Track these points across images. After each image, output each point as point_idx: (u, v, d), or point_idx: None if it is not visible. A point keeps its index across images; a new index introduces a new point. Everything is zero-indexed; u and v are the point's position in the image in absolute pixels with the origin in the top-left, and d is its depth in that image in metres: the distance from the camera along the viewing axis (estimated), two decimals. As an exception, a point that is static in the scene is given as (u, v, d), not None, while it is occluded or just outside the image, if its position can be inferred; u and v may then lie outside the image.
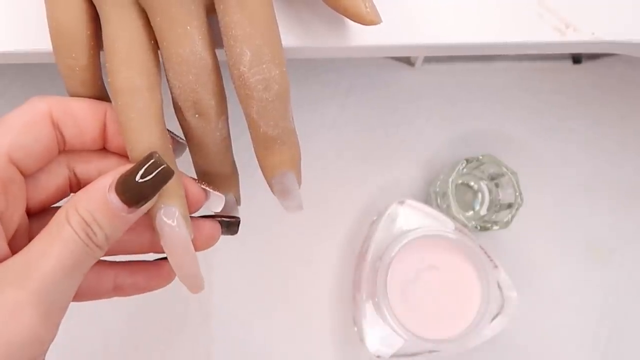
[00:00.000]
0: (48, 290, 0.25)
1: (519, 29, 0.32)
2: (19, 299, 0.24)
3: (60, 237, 0.25)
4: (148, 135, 0.27)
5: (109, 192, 0.26)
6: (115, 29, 0.27)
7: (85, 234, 0.25)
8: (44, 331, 0.25)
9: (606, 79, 0.50)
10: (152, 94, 0.27)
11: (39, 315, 0.24)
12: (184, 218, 0.28)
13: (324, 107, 0.49)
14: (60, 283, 0.25)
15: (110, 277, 0.30)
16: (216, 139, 0.29)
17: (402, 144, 0.49)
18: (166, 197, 0.27)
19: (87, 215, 0.25)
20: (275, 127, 0.28)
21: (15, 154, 0.26)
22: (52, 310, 0.25)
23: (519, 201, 0.45)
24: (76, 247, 0.25)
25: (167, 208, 0.27)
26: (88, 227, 0.25)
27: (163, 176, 0.26)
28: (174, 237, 0.27)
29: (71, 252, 0.25)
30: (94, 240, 0.26)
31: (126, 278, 0.30)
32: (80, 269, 0.26)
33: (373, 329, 0.43)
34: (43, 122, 0.27)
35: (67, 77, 0.28)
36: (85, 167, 0.29)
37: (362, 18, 0.28)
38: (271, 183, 0.29)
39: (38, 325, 0.24)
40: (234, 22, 0.27)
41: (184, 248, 0.28)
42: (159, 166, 0.26)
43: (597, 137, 0.49)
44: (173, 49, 0.27)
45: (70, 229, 0.25)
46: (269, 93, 0.27)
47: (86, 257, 0.26)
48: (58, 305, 0.25)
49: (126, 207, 0.26)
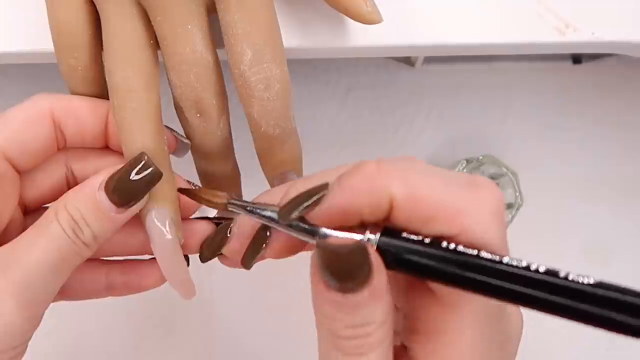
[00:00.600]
0: (30, 282, 0.25)
1: (519, 29, 0.32)
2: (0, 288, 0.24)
3: (47, 232, 0.25)
4: (141, 135, 0.27)
5: (99, 191, 0.26)
6: (113, 28, 0.27)
7: (72, 231, 0.25)
8: (21, 321, 0.25)
9: (606, 79, 0.50)
10: (147, 94, 0.27)
11: (18, 305, 0.24)
12: (174, 221, 0.27)
13: (324, 107, 0.49)
14: (43, 276, 0.25)
15: (102, 276, 0.30)
16: (217, 138, 0.29)
17: (402, 144, 0.49)
18: (157, 199, 0.27)
19: (75, 213, 0.25)
20: (276, 127, 0.28)
21: (10, 149, 0.26)
22: (32, 302, 0.25)
23: (519, 201, 0.45)
24: (62, 243, 0.25)
25: (157, 210, 0.27)
26: (76, 224, 0.25)
27: (151, 178, 0.26)
28: (162, 240, 0.27)
29: (57, 247, 0.25)
30: (81, 238, 0.25)
31: (118, 277, 0.30)
32: (66, 265, 0.26)
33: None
34: (42, 119, 0.27)
35: (69, 77, 0.28)
36: (82, 165, 0.29)
37: (362, 17, 0.28)
38: (272, 182, 0.29)
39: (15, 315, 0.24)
40: (235, 21, 0.27)
41: (172, 252, 0.27)
42: (148, 168, 0.26)
43: (597, 137, 0.49)
44: (174, 48, 0.27)
45: (57, 225, 0.25)
46: (270, 92, 0.27)
47: (72, 254, 0.26)
48: (39, 298, 0.25)
49: (115, 207, 0.26)
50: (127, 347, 0.46)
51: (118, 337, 0.46)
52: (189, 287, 0.29)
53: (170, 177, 0.28)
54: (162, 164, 0.27)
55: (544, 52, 0.34)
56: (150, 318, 0.47)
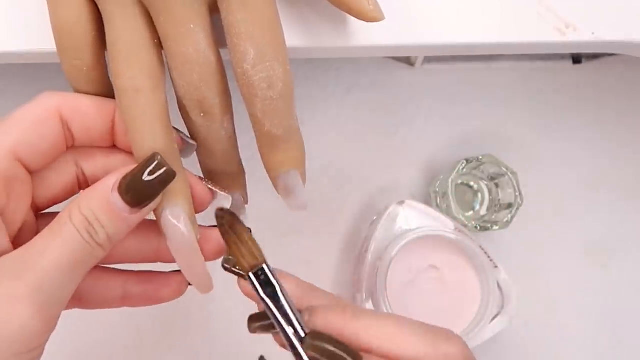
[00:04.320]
0: (45, 285, 0.25)
1: (519, 29, 0.32)
2: (14, 292, 0.24)
3: (61, 235, 0.25)
4: (152, 135, 0.27)
5: (112, 192, 0.26)
6: (118, 29, 0.27)
7: (86, 232, 0.25)
8: (39, 324, 0.25)
9: (606, 79, 0.50)
10: (155, 94, 0.27)
11: (34, 308, 0.24)
12: (190, 218, 0.27)
13: (324, 107, 0.49)
14: (58, 279, 0.25)
15: (119, 286, 0.30)
16: (222, 137, 0.29)
17: (402, 144, 0.49)
18: (172, 197, 0.27)
19: (89, 214, 0.25)
20: (280, 126, 0.28)
21: (21, 150, 0.26)
22: (48, 304, 0.25)
23: (519, 201, 0.45)
24: (77, 245, 0.25)
25: (173, 209, 0.27)
26: (90, 225, 0.25)
27: (165, 177, 0.26)
28: (180, 237, 0.27)
29: (72, 249, 0.25)
30: (96, 238, 0.26)
31: (135, 287, 0.30)
32: (81, 267, 0.26)
33: (373, 329, 0.43)
34: (51, 119, 0.27)
35: (73, 78, 0.28)
36: (92, 164, 0.29)
37: (365, 15, 0.28)
38: (276, 182, 0.29)
39: (33, 318, 0.24)
40: (238, 20, 0.27)
41: (190, 248, 0.27)
42: (162, 167, 0.26)
43: (597, 137, 0.49)
44: (177, 48, 0.27)
45: (72, 226, 0.25)
46: (273, 91, 0.27)
47: (87, 255, 0.26)
48: (55, 301, 0.25)
49: (128, 207, 0.26)
50: (127, 347, 0.46)
51: (118, 337, 0.46)
52: (207, 281, 0.29)
53: (183, 175, 0.28)
54: (174, 162, 0.27)
55: (544, 52, 0.34)
56: (151, 318, 0.47)
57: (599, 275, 0.48)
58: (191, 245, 0.27)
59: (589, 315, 0.48)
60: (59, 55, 0.28)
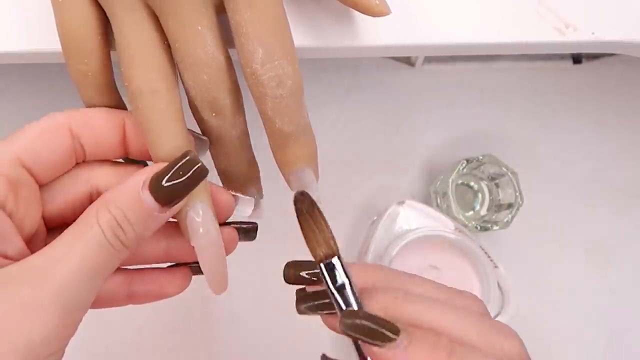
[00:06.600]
0: (67, 290, 0.24)
1: (519, 29, 0.32)
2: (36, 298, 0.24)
3: (85, 238, 0.25)
4: (174, 136, 0.27)
5: (142, 190, 0.25)
6: (127, 33, 0.27)
7: (112, 234, 0.25)
8: (61, 329, 0.25)
9: (606, 79, 0.50)
10: (171, 95, 0.27)
11: (57, 314, 0.24)
12: (214, 215, 0.27)
13: (324, 107, 0.49)
14: (81, 284, 0.25)
15: (125, 285, 0.30)
16: (234, 136, 0.29)
17: (402, 144, 0.49)
18: (195, 196, 0.27)
19: (119, 214, 0.25)
20: (291, 123, 0.28)
21: (27, 158, 0.26)
22: (70, 309, 0.25)
23: (519, 201, 0.45)
24: (101, 249, 0.25)
25: (198, 206, 0.27)
26: (118, 226, 0.25)
27: (198, 174, 0.26)
28: (206, 236, 0.27)
29: (96, 254, 0.25)
30: (122, 240, 0.25)
31: (140, 285, 0.30)
32: (103, 270, 0.25)
33: (373, 329, 0.43)
34: (59, 131, 0.27)
35: (80, 84, 0.28)
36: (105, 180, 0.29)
37: (371, 9, 0.28)
38: (289, 179, 0.29)
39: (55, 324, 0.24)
40: (245, 20, 0.27)
41: (215, 245, 0.27)
42: (195, 164, 0.25)
43: (597, 137, 0.49)
44: (186, 49, 0.27)
45: (98, 229, 0.25)
46: (282, 89, 0.27)
47: (111, 258, 0.25)
48: (77, 306, 0.25)
49: (159, 206, 0.25)
50: (127, 347, 0.46)
51: (118, 337, 0.46)
52: (225, 280, 0.29)
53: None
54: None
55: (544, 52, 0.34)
56: (151, 318, 0.47)
57: (599, 275, 0.49)
58: (217, 243, 0.27)
59: (589, 315, 0.48)
60: (65, 59, 0.28)
